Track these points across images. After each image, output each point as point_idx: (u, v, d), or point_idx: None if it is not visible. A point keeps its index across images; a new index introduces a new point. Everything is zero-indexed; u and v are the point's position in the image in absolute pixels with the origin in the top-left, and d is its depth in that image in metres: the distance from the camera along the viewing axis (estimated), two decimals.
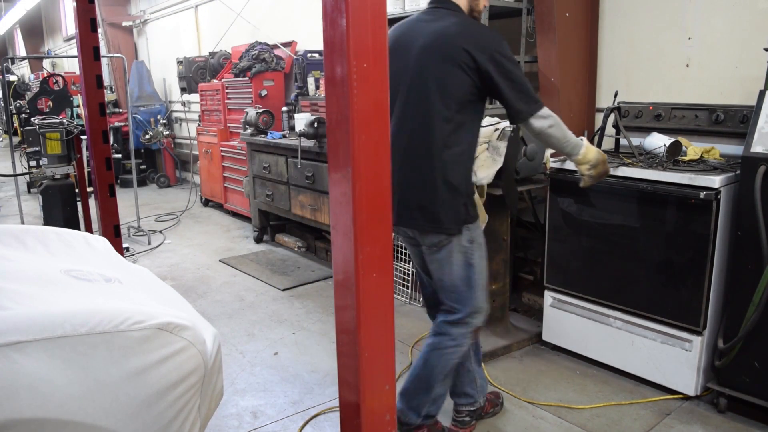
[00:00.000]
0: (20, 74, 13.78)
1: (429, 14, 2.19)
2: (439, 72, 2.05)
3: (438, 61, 2.05)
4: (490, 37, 2.07)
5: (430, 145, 2.09)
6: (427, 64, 2.08)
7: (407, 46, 2.14)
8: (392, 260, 1.32)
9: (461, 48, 2.01)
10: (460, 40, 2.03)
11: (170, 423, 1.30)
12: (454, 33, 2.07)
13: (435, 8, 2.19)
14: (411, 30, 2.19)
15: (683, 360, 2.72)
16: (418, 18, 2.22)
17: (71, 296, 1.38)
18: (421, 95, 2.09)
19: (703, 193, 2.51)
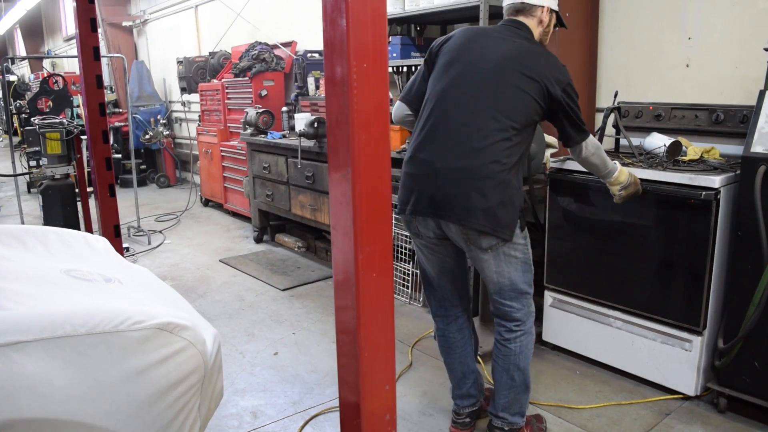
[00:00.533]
0: (20, 74, 13.78)
1: (508, 31, 2.27)
2: (520, 84, 2.13)
3: (518, 75, 2.14)
4: (564, 70, 2.21)
5: (499, 154, 2.12)
6: (509, 73, 2.15)
7: (483, 51, 2.21)
8: (392, 260, 1.32)
9: (545, 74, 2.15)
10: (544, 66, 2.17)
11: (170, 423, 1.30)
12: (540, 57, 2.20)
13: (512, 27, 2.28)
14: (487, 37, 2.26)
15: (683, 360, 2.72)
16: (496, 30, 2.30)
17: (71, 296, 1.38)
18: (498, 102, 2.14)
19: (703, 192, 2.51)
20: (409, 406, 2.79)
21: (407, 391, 2.91)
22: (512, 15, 2.31)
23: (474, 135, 2.13)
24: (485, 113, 2.13)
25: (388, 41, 3.31)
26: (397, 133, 4.06)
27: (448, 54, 2.28)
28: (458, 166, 2.12)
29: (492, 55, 2.18)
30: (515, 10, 2.30)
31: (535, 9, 2.27)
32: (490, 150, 2.11)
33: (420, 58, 4.08)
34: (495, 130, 2.11)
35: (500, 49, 2.19)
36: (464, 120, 2.15)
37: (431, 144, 2.19)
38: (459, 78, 2.20)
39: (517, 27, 2.27)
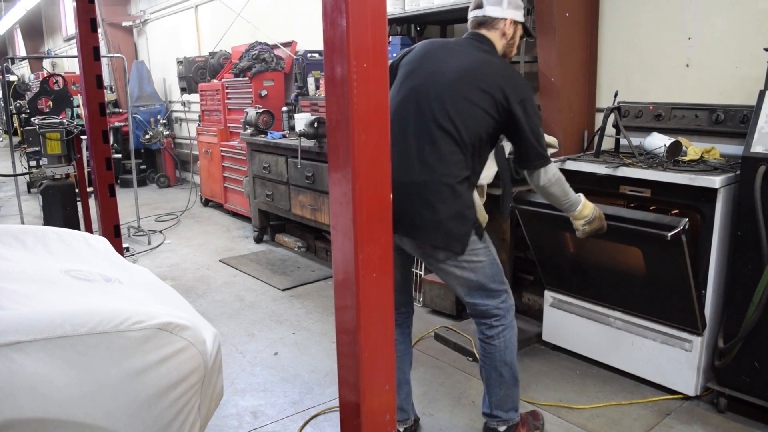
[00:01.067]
0: (20, 74, 13.77)
1: (467, 44, 2.24)
2: (472, 97, 2.09)
3: (472, 88, 2.10)
4: (524, 84, 2.17)
5: (450, 166, 2.10)
6: (460, 87, 2.11)
7: (440, 64, 2.18)
8: (392, 260, 1.32)
9: (498, 85, 2.09)
10: (498, 78, 2.11)
11: (170, 423, 1.30)
12: (494, 70, 2.14)
13: (473, 41, 2.25)
14: (446, 50, 2.24)
15: (683, 360, 2.72)
16: (456, 43, 2.27)
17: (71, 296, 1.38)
18: (448, 116, 2.11)
19: (669, 234, 2.40)
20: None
21: None
22: (475, 28, 2.27)
23: (426, 148, 2.11)
24: (437, 127, 2.10)
25: (388, 41, 3.31)
26: None
27: (407, 66, 2.26)
28: (409, 180, 2.10)
29: (448, 68, 2.15)
30: (478, 23, 2.26)
31: (497, 21, 2.22)
32: (442, 164, 2.08)
33: None
34: (446, 143, 2.09)
35: (457, 62, 2.16)
36: (417, 133, 2.13)
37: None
38: (414, 91, 2.18)
39: (479, 40, 2.23)
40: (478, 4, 2.26)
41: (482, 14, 2.23)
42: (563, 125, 3.56)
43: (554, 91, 3.53)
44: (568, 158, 3.09)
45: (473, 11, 2.27)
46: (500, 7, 2.21)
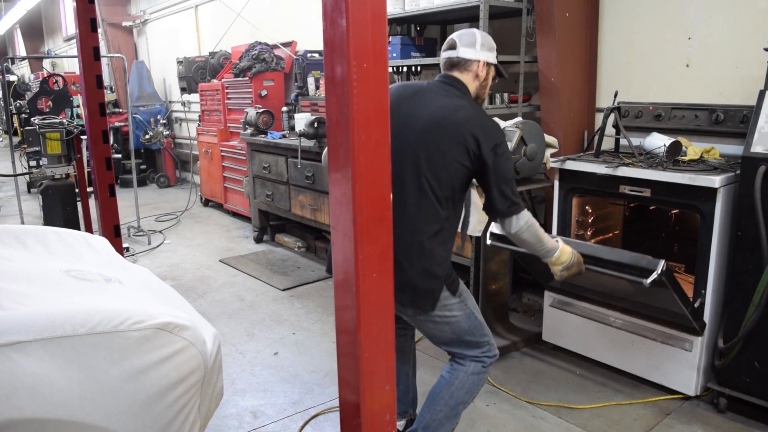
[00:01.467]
0: (20, 74, 13.78)
1: (439, 89, 2.17)
2: (443, 148, 2.03)
3: (444, 138, 2.03)
4: (496, 129, 2.09)
5: (420, 221, 2.03)
6: (431, 138, 2.04)
7: (412, 112, 2.11)
8: (392, 260, 1.32)
9: (470, 132, 2.02)
10: (470, 125, 2.03)
11: (170, 423, 1.30)
12: (465, 116, 2.07)
13: (445, 84, 2.18)
14: (418, 96, 2.16)
15: (683, 360, 2.72)
16: (428, 87, 2.19)
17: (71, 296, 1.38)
18: (419, 168, 2.04)
19: (648, 281, 2.36)
20: None
21: None
22: (448, 70, 2.21)
23: (396, 202, 2.02)
24: (407, 180, 2.03)
25: (388, 41, 3.31)
26: None
27: None
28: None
29: (420, 117, 2.08)
30: (451, 64, 2.19)
31: (470, 63, 2.16)
32: (411, 218, 2.02)
33: (420, 58, 4.08)
34: (417, 197, 2.03)
35: (428, 111, 2.08)
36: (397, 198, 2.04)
37: None
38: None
39: (451, 84, 2.17)
40: (451, 44, 2.19)
41: (455, 56, 2.17)
42: (563, 125, 3.56)
43: (554, 91, 3.53)
44: (568, 158, 3.09)
45: (446, 51, 2.20)
46: (473, 49, 2.15)
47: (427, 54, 4.15)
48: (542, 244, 2.17)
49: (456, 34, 2.21)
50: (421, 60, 4.03)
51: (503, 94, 3.75)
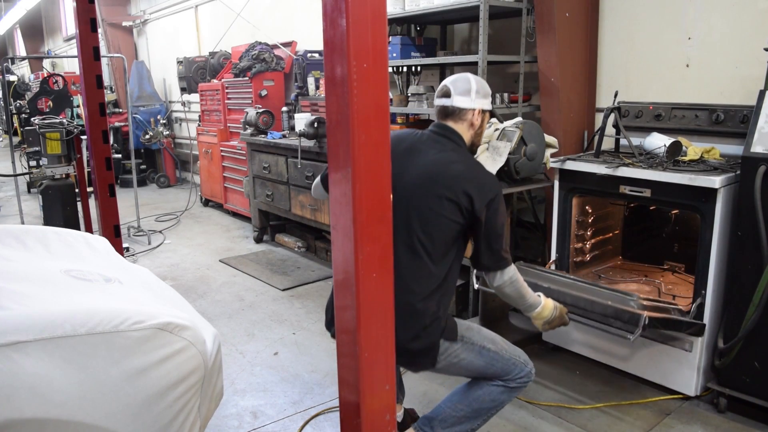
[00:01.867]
0: (20, 74, 13.77)
1: (432, 141, 2.12)
2: (435, 206, 1.98)
3: (436, 196, 1.98)
4: (490, 184, 2.04)
5: (412, 282, 1.98)
6: (423, 196, 2.00)
7: (403, 170, 2.04)
8: (392, 260, 1.32)
9: (463, 190, 1.97)
10: (463, 182, 1.99)
11: (170, 423, 1.30)
12: (458, 172, 2.02)
13: (439, 136, 2.12)
14: (411, 153, 2.10)
15: (683, 360, 2.72)
16: (421, 141, 2.13)
17: (71, 296, 1.38)
18: (410, 226, 2.00)
19: (632, 337, 2.35)
20: (409, 405, 2.79)
21: (407, 391, 2.91)
22: (442, 118, 2.15)
23: (401, 277, 1.93)
24: (399, 240, 1.92)
25: (388, 41, 3.31)
26: None
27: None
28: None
29: (411, 174, 2.03)
30: (445, 113, 2.13)
31: (465, 112, 2.11)
32: (403, 280, 1.94)
33: (420, 58, 4.08)
34: (409, 258, 1.98)
35: (420, 167, 2.03)
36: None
37: None
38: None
39: (445, 135, 2.12)
40: (445, 92, 2.13)
41: (450, 104, 2.11)
42: (563, 125, 3.56)
43: (554, 91, 3.53)
44: (568, 158, 3.09)
45: (440, 99, 2.14)
46: (468, 97, 2.10)
47: (427, 54, 4.15)
48: (524, 299, 2.15)
49: (450, 80, 2.14)
50: (421, 60, 4.04)
51: (503, 94, 3.75)
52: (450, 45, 4.56)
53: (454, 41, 4.59)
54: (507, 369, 2.12)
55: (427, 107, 3.92)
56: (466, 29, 4.50)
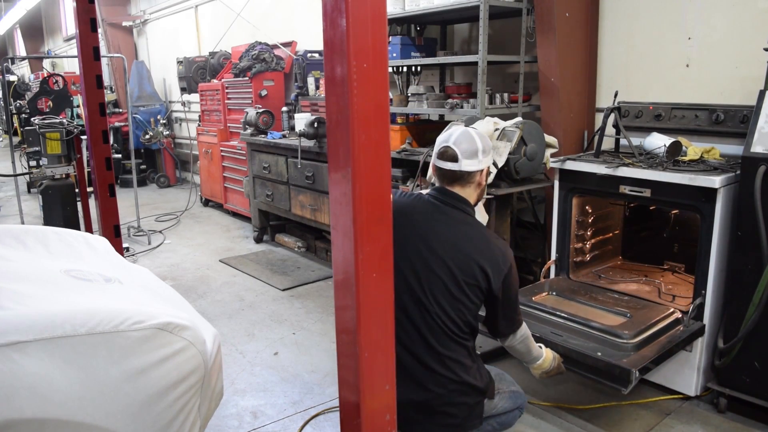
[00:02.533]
0: (20, 74, 13.78)
1: (441, 213, 2.02)
2: (456, 289, 1.94)
3: (455, 278, 1.93)
4: (504, 256, 1.99)
5: (441, 366, 1.96)
6: (443, 276, 1.94)
7: (417, 242, 1.98)
8: (392, 260, 1.32)
9: (479, 268, 1.93)
10: (478, 259, 1.94)
11: (170, 423, 1.30)
12: (473, 250, 1.96)
13: (447, 206, 2.02)
14: (424, 223, 2.01)
15: (683, 360, 2.72)
16: (428, 208, 2.03)
17: (71, 296, 1.38)
18: (435, 304, 1.95)
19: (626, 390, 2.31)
20: None
21: None
22: (448, 184, 2.04)
23: (424, 357, 1.98)
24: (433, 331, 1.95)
25: (388, 41, 3.31)
26: (396, 133, 4.06)
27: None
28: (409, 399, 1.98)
29: (430, 266, 1.95)
30: (453, 179, 2.02)
31: (474, 175, 2.02)
32: (447, 371, 1.97)
33: (420, 58, 4.08)
34: (445, 343, 1.96)
35: (432, 244, 1.96)
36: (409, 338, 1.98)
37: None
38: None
39: (453, 206, 2.02)
40: (451, 156, 1.99)
41: (458, 169, 1.99)
42: (563, 125, 3.56)
43: (554, 91, 3.53)
44: (568, 158, 3.09)
45: (445, 163, 2.01)
46: (476, 159, 2.00)
47: (427, 54, 4.15)
48: (530, 353, 2.20)
49: (452, 141, 2.00)
50: (421, 60, 4.03)
51: (503, 94, 3.75)
52: (450, 45, 4.56)
53: (454, 41, 4.59)
54: (520, 401, 2.21)
55: (426, 107, 3.92)
56: (466, 29, 4.50)
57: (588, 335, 2.54)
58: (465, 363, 1.98)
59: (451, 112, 3.76)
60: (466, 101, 3.72)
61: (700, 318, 2.66)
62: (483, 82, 3.47)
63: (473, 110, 3.59)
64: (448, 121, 4.03)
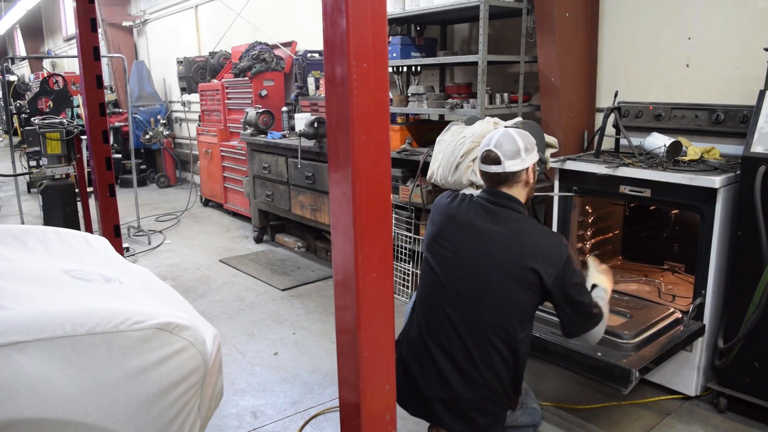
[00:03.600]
0: (20, 74, 13.77)
1: (488, 212, 2.01)
2: (504, 292, 1.90)
3: (504, 281, 1.90)
4: (557, 251, 1.92)
5: (487, 362, 1.92)
6: (491, 280, 1.91)
7: (464, 245, 1.99)
8: (392, 260, 1.32)
9: (530, 268, 1.88)
10: (528, 259, 1.89)
11: (170, 423, 1.30)
12: (522, 250, 1.92)
13: (496, 206, 2.01)
14: (471, 225, 2.01)
15: (683, 360, 2.72)
16: (476, 210, 2.02)
17: (71, 296, 1.38)
18: (480, 309, 1.93)
19: (626, 390, 2.30)
20: None
21: None
22: (495, 185, 2.03)
23: (461, 360, 1.97)
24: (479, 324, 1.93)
25: (388, 41, 3.31)
26: (397, 133, 4.06)
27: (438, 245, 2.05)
28: (436, 396, 2.02)
29: (472, 264, 1.95)
30: (498, 180, 2.01)
31: (519, 174, 2.00)
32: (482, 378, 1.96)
33: (420, 58, 4.08)
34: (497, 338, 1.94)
35: (483, 247, 1.95)
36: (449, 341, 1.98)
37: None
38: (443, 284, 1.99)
39: (502, 205, 2.00)
40: (494, 159, 1.99)
41: (502, 171, 1.98)
42: (563, 125, 3.56)
43: (554, 91, 3.53)
44: (568, 158, 3.09)
45: (489, 166, 2.00)
46: (520, 159, 1.98)
47: (427, 54, 4.15)
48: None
49: (494, 143, 1.99)
50: (421, 60, 4.03)
51: (503, 94, 3.75)
52: (450, 45, 4.56)
53: (454, 41, 4.59)
54: (537, 419, 2.19)
55: (426, 107, 3.92)
56: (466, 29, 4.50)
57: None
58: (500, 372, 1.93)
59: (451, 112, 3.76)
60: (466, 101, 3.72)
61: (700, 318, 2.66)
62: (483, 82, 3.47)
63: (473, 110, 3.59)
64: (448, 121, 4.03)
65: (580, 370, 2.46)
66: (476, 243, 1.97)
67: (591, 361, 2.40)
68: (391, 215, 3.27)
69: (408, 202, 3.96)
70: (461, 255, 1.98)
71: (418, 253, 3.97)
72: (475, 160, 3.13)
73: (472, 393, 1.93)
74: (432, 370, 1.99)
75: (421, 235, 3.96)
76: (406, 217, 4.01)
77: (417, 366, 2.04)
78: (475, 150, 3.14)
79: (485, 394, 1.94)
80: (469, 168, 3.13)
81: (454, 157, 3.20)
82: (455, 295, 1.96)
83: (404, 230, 4.02)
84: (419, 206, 3.92)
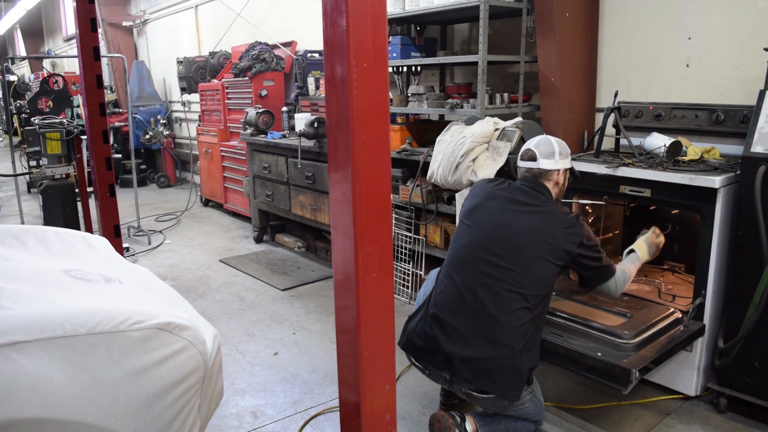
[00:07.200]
0: (20, 74, 13.78)
1: (525, 193, 2.39)
2: (536, 268, 2.23)
3: (538, 258, 2.24)
4: (580, 230, 2.32)
5: (508, 327, 2.17)
6: (523, 247, 2.25)
7: (506, 214, 2.34)
8: (392, 260, 1.32)
9: (563, 249, 2.27)
10: (561, 241, 2.27)
11: (170, 423, 1.30)
12: (555, 232, 2.29)
13: (533, 192, 2.39)
14: (513, 200, 2.38)
15: (683, 360, 2.72)
16: (516, 193, 2.39)
17: (71, 296, 1.38)
18: (508, 272, 2.22)
19: (625, 391, 2.31)
20: (409, 406, 2.80)
21: (407, 391, 2.91)
22: (532, 176, 2.44)
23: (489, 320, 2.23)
24: (507, 290, 2.21)
25: (388, 41, 3.31)
26: (397, 133, 4.06)
27: (473, 214, 2.41)
28: (466, 356, 2.22)
29: (515, 230, 2.29)
30: (534, 174, 2.43)
31: (551, 173, 2.41)
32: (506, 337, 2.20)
33: (420, 58, 4.08)
34: (521, 307, 2.21)
35: (519, 227, 2.29)
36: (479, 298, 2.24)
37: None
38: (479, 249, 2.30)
39: (538, 190, 2.39)
40: (531, 156, 2.42)
41: (536, 167, 2.41)
42: (563, 125, 3.56)
43: (554, 91, 3.53)
44: None
45: (526, 162, 2.43)
46: (553, 159, 2.40)
47: (427, 54, 4.15)
48: (635, 270, 2.57)
49: (533, 144, 2.44)
50: (421, 60, 4.04)
51: (503, 94, 3.75)
52: (450, 45, 4.56)
53: (454, 41, 4.59)
54: (540, 415, 2.35)
55: (426, 107, 3.92)
56: (466, 29, 4.50)
57: (588, 335, 2.54)
58: (520, 334, 2.17)
59: (451, 112, 3.76)
60: (466, 101, 3.72)
61: (700, 318, 2.66)
62: (483, 82, 3.47)
63: (473, 110, 3.60)
64: (448, 121, 4.03)
65: (580, 370, 2.46)
66: (513, 214, 2.33)
67: (591, 361, 2.40)
68: (391, 215, 3.27)
69: (408, 202, 3.96)
70: (499, 220, 2.33)
71: (418, 253, 3.97)
72: (475, 160, 3.14)
73: (496, 351, 2.15)
74: (453, 333, 2.23)
75: (421, 235, 3.96)
76: (406, 217, 4.01)
77: (445, 321, 2.26)
78: (475, 150, 3.15)
79: (506, 353, 2.15)
80: (469, 168, 3.14)
81: (454, 157, 3.20)
82: (489, 255, 2.27)
83: (404, 230, 4.02)
84: (419, 206, 3.93)
